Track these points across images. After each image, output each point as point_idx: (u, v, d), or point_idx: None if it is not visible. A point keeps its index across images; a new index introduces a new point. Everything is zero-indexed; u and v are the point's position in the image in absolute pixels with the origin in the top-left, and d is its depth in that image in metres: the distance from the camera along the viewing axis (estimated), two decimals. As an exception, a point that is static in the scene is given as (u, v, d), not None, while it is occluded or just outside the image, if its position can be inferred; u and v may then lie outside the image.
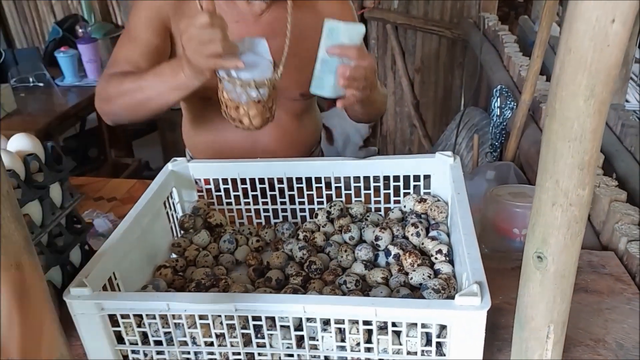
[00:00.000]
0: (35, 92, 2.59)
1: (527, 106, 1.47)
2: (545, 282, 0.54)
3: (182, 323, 0.69)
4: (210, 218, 1.01)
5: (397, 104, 3.22)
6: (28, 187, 0.84)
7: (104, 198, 1.48)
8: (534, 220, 0.52)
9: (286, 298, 0.68)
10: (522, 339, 0.59)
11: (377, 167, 0.97)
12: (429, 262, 0.84)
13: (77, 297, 0.68)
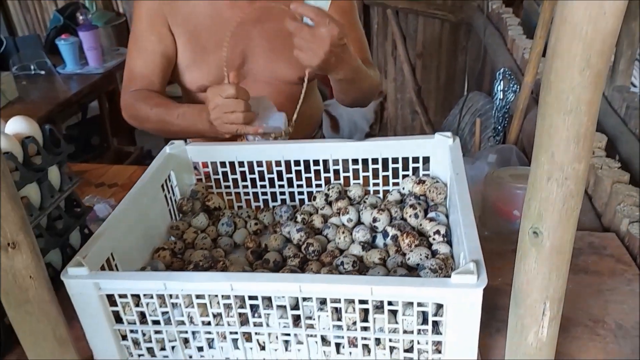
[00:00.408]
0: (37, 80, 2.59)
1: (529, 88, 1.46)
2: (541, 258, 0.53)
3: (179, 303, 0.69)
4: (209, 201, 1.01)
5: (398, 90, 3.20)
6: (26, 169, 0.84)
7: (105, 184, 1.48)
8: (530, 196, 0.52)
9: (282, 277, 0.68)
10: (517, 316, 0.58)
11: (375, 149, 0.96)
12: (426, 243, 0.83)
13: (74, 277, 0.68)
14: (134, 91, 1.31)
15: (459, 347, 0.66)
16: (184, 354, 0.74)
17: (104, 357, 0.75)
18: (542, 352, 0.59)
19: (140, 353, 0.75)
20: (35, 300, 0.65)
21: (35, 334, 0.68)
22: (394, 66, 3.15)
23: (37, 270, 0.65)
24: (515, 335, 0.60)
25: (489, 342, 0.77)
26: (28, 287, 0.64)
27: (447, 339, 0.66)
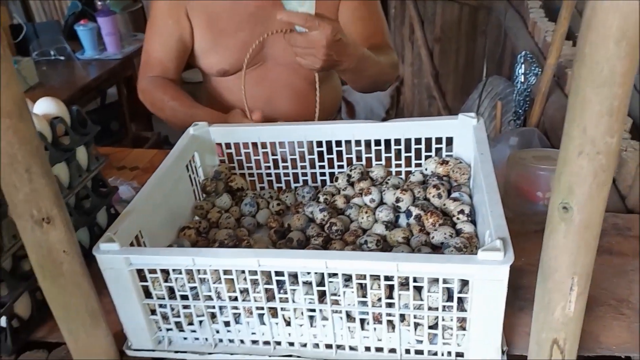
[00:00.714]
0: (57, 66, 2.61)
1: (552, 71, 1.44)
2: (570, 234, 0.54)
3: (207, 278, 0.70)
4: (232, 182, 1.02)
5: (415, 75, 3.18)
6: (55, 149, 0.86)
7: (126, 167, 1.50)
8: (560, 170, 0.52)
9: (309, 254, 0.69)
10: (545, 291, 0.59)
11: (398, 130, 0.96)
12: (450, 222, 0.84)
13: (106, 252, 0.69)
14: (151, 77, 1.34)
15: (484, 323, 0.66)
16: (211, 328, 0.75)
17: (134, 330, 0.76)
18: (568, 327, 0.59)
19: (168, 327, 0.76)
20: (68, 273, 0.67)
21: (67, 307, 0.69)
22: (411, 51, 3.13)
23: (70, 244, 0.66)
24: (542, 310, 0.60)
25: (513, 320, 0.78)
26: (62, 261, 0.66)
27: (472, 316, 0.66)
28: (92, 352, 0.74)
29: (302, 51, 1.04)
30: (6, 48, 0.56)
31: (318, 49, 1.02)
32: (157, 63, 1.34)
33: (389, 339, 0.71)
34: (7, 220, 0.78)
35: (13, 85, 0.57)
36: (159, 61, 1.34)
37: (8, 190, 0.61)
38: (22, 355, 0.82)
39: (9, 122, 0.57)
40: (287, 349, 0.75)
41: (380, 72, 1.26)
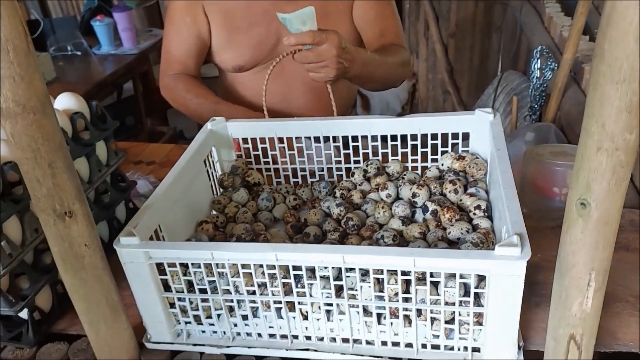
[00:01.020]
0: (74, 61, 2.63)
1: (568, 66, 1.44)
2: (588, 229, 0.54)
3: (225, 272, 0.71)
4: (249, 177, 1.03)
5: (430, 70, 3.17)
6: (75, 144, 0.87)
7: (143, 162, 1.52)
8: (578, 166, 0.52)
9: (326, 248, 0.69)
10: (562, 287, 0.59)
11: (414, 125, 0.96)
12: (467, 217, 0.84)
13: (126, 246, 0.70)
14: (174, 75, 1.37)
15: (501, 319, 0.66)
16: (229, 322, 0.76)
17: (153, 323, 0.77)
18: (585, 323, 0.59)
19: (187, 320, 0.77)
20: (89, 267, 0.68)
21: (88, 299, 0.70)
22: (426, 46, 3.12)
23: (91, 238, 0.67)
24: (559, 306, 0.60)
25: (529, 316, 0.78)
26: (83, 255, 0.67)
27: (489, 311, 0.66)
28: (112, 345, 0.75)
29: (315, 65, 1.07)
30: (31, 45, 0.57)
31: (330, 59, 1.05)
32: (177, 61, 1.36)
33: (405, 333, 0.72)
34: (29, 214, 0.79)
35: (37, 81, 0.58)
36: (178, 59, 1.36)
37: (31, 184, 0.62)
38: (43, 347, 0.83)
39: (33, 117, 0.59)
40: (304, 342, 0.76)
41: (388, 72, 1.28)
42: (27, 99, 0.58)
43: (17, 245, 0.77)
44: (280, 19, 1.04)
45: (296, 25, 1.03)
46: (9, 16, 0.53)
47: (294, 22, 1.03)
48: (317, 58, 1.05)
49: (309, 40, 1.03)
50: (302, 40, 1.04)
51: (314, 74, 1.10)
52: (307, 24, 1.03)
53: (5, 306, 0.77)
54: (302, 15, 1.02)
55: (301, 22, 1.03)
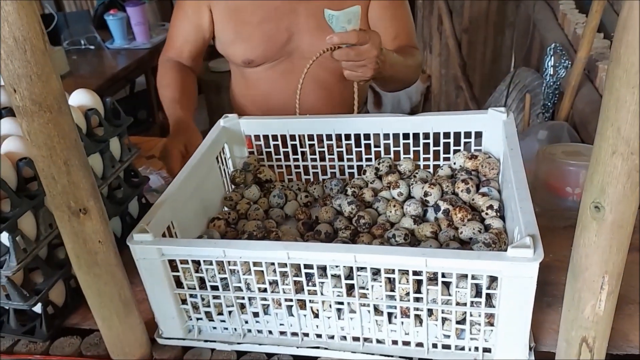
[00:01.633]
0: (87, 55, 2.65)
1: (582, 64, 1.42)
2: (602, 232, 0.53)
3: (237, 269, 0.71)
4: (260, 174, 1.03)
5: (442, 65, 3.16)
6: (90, 140, 0.88)
7: (155, 157, 1.52)
8: (593, 170, 0.52)
9: (337, 247, 0.69)
10: (575, 289, 0.59)
11: (427, 124, 0.96)
12: (479, 217, 0.84)
13: (139, 243, 0.71)
14: (166, 58, 1.42)
15: (512, 320, 0.66)
16: (240, 319, 0.76)
17: (165, 319, 0.78)
18: (598, 325, 0.59)
19: (198, 317, 0.78)
20: (102, 263, 0.69)
21: (101, 295, 0.71)
22: (439, 41, 3.10)
23: (105, 235, 0.68)
24: (572, 309, 0.60)
25: (540, 317, 0.78)
26: (97, 251, 0.68)
27: (500, 312, 0.66)
28: (125, 339, 0.76)
29: (353, 64, 1.08)
30: (47, 44, 0.57)
31: (369, 59, 1.06)
32: (173, 46, 1.41)
33: (416, 333, 0.72)
34: (44, 210, 0.80)
35: (53, 80, 0.59)
36: (174, 45, 1.41)
37: (47, 181, 0.63)
38: (56, 341, 0.84)
39: (49, 116, 0.59)
40: (315, 340, 0.76)
41: (407, 74, 1.31)
42: (44, 97, 0.58)
43: (32, 241, 0.78)
44: (326, 15, 1.04)
45: (341, 23, 1.04)
46: (27, 16, 0.54)
47: (341, 20, 1.03)
48: (358, 57, 1.06)
49: (353, 40, 1.04)
50: (345, 40, 1.04)
51: (350, 72, 1.10)
52: (352, 22, 1.04)
53: (19, 300, 0.78)
54: (349, 14, 1.03)
55: (347, 20, 1.04)
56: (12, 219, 0.74)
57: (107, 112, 0.94)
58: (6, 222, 0.74)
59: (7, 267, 0.75)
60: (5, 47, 0.55)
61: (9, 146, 0.81)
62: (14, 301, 0.78)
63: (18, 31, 0.54)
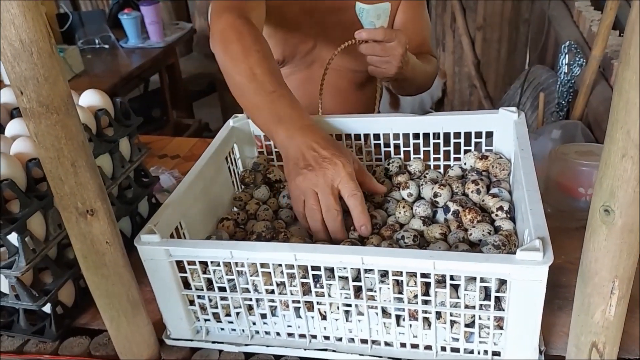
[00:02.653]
0: (101, 54, 2.67)
1: (597, 62, 1.41)
2: (612, 237, 0.53)
3: (244, 271, 0.71)
4: (270, 174, 1.03)
5: (456, 63, 3.14)
6: (99, 140, 0.88)
7: (167, 155, 1.53)
8: (602, 173, 0.51)
9: (345, 249, 0.69)
10: (584, 294, 0.58)
11: (437, 124, 0.95)
12: (489, 219, 0.83)
13: (147, 244, 0.71)
14: (245, 21, 0.97)
15: (522, 323, 0.65)
16: (248, 320, 0.76)
17: (173, 320, 0.78)
18: (609, 331, 0.58)
19: (206, 318, 0.78)
20: (110, 264, 0.69)
21: (110, 296, 0.71)
22: (452, 39, 3.08)
23: (112, 236, 0.68)
24: (582, 314, 0.59)
25: (551, 319, 0.77)
26: (104, 252, 0.68)
27: (510, 315, 0.65)
28: (133, 340, 0.76)
29: (379, 60, 1.09)
30: (54, 46, 0.57)
31: (395, 57, 1.08)
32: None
33: (424, 335, 0.71)
34: (53, 210, 0.81)
35: (60, 82, 0.59)
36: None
37: (54, 183, 0.63)
38: (65, 341, 0.84)
39: (57, 117, 0.59)
40: (323, 342, 0.76)
41: (425, 79, 1.31)
42: (51, 99, 0.58)
43: (41, 241, 0.79)
44: (357, 9, 1.07)
45: (371, 18, 1.08)
46: (33, 19, 0.54)
47: (370, 14, 1.07)
48: (384, 53, 1.08)
49: (380, 37, 1.06)
50: (373, 36, 1.06)
51: (375, 68, 1.12)
52: (381, 18, 1.08)
53: (29, 300, 0.78)
54: (378, 9, 1.07)
55: (376, 15, 1.08)
56: (21, 220, 0.75)
57: (117, 112, 0.94)
58: (15, 223, 0.74)
59: (16, 268, 0.76)
60: (12, 49, 0.55)
61: (19, 147, 0.81)
62: (24, 301, 0.79)
63: (24, 34, 0.55)
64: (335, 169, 0.79)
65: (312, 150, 0.82)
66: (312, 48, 1.32)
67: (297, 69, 1.35)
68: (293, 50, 1.31)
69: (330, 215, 0.80)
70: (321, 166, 0.80)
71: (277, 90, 0.88)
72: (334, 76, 1.31)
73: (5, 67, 0.57)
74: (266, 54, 0.93)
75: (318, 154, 0.81)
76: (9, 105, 0.98)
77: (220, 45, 0.95)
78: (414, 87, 1.33)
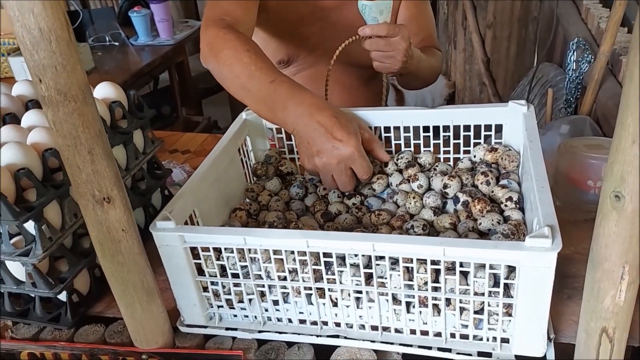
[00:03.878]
0: (111, 51, 2.69)
1: (606, 58, 1.41)
2: (622, 222, 0.53)
3: (257, 258, 0.72)
4: (282, 166, 1.04)
5: (466, 61, 3.14)
6: (113, 132, 0.90)
7: (178, 151, 1.55)
8: (613, 159, 0.51)
9: (356, 236, 0.70)
10: (594, 280, 0.58)
11: (447, 117, 0.96)
12: (498, 209, 0.83)
13: (162, 230, 0.72)
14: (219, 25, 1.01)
15: (530, 310, 0.66)
16: (260, 307, 0.77)
17: (187, 306, 0.79)
18: (618, 316, 0.59)
19: (219, 304, 0.79)
20: (126, 251, 0.70)
21: (125, 283, 0.73)
22: (463, 37, 3.09)
23: (128, 223, 0.69)
24: (592, 299, 0.60)
25: (560, 309, 0.77)
26: (120, 239, 0.69)
27: (518, 302, 0.66)
28: (147, 327, 0.77)
29: (383, 55, 1.10)
30: (72, 35, 0.59)
31: (399, 51, 1.09)
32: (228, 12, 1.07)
33: (434, 322, 0.72)
34: (69, 200, 0.82)
35: (78, 71, 0.60)
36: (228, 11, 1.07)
37: (72, 170, 0.65)
38: (81, 329, 0.86)
39: (74, 105, 0.61)
40: (334, 329, 0.77)
41: (430, 72, 1.32)
42: (69, 87, 0.60)
43: (57, 229, 0.80)
44: (360, 5, 1.09)
45: (373, 14, 1.09)
46: (51, 7, 0.55)
47: (373, 10, 1.09)
48: (388, 48, 1.09)
49: (383, 32, 1.07)
50: (376, 32, 1.07)
51: (379, 63, 1.13)
52: (384, 14, 1.09)
53: (45, 288, 0.80)
54: (380, 5, 1.09)
55: (379, 11, 1.09)
56: (38, 208, 0.76)
57: (130, 104, 0.95)
58: (32, 211, 0.76)
59: (33, 255, 0.77)
60: (31, 37, 0.57)
61: (35, 137, 0.83)
62: (40, 289, 0.80)
63: (43, 22, 0.56)
64: (348, 154, 0.86)
65: (322, 133, 0.86)
66: (315, 46, 1.33)
67: (302, 68, 1.36)
68: (297, 49, 1.32)
69: (345, 188, 0.93)
70: (332, 154, 0.86)
71: (275, 79, 0.91)
72: (340, 73, 1.31)
73: (24, 55, 0.58)
74: (257, 51, 0.97)
75: (328, 138, 0.86)
76: (24, 98, 0.99)
77: (211, 56, 0.99)
78: (420, 81, 1.34)
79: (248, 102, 0.97)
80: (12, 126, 0.86)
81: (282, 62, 1.35)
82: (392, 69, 1.13)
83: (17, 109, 0.96)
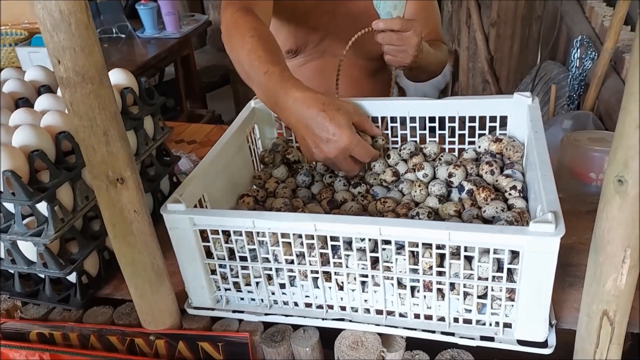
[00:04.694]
0: (118, 43, 2.70)
1: (609, 55, 1.42)
2: (625, 206, 0.54)
3: (265, 241, 0.74)
4: (289, 154, 1.05)
5: (470, 59, 3.15)
6: (125, 118, 0.91)
7: (184, 141, 1.56)
8: (617, 144, 0.53)
9: (363, 220, 0.71)
10: (597, 264, 0.60)
11: (453, 108, 0.97)
12: (502, 197, 0.85)
13: (172, 212, 0.74)
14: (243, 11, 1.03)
15: (533, 295, 0.67)
16: (267, 290, 0.79)
17: (195, 289, 0.81)
18: (619, 299, 0.60)
19: (227, 287, 0.80)
20: (137, 232, 0.72)
21: (135, 264, 0.74)
22: (467, 35, 3.10)
23: (140, 205, 0.71)
24: (593, 283, 0.61)
25: (562, 296, 0.79)
26: (132, 221, 0.70)
27: (521, 287, 0.68)
28: (156, 308, 0.79)
29: (395, 48, 1.12)
30: (90, 18, 0.60)
31: (411, 46, 1.11)
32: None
33: (438, 307, 0.74)
34: (81, 182, 0.83)
35: (95, 53, 0.62)
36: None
37: (87, 151, 0.66)
38: (89, 310, 0.87)
39: (91, 87, 0.62)
40: (339, 312, 0.78)
41: (437, 65, 1.34)
42: (87, 69, 0.61)
43: (69, 211, 0.82)
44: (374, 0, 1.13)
45: (387, 8, 1.13)
46: (71, -11, 0.57)
47: (388, 5, 1.13)
48: (400, 42, 1.11)
49: (397, 27, 1.09)
50: (390, 26, 1.09)
51: (391, 57, 1.15)
52: (397, 8, 1.14)
53: (56, 268, 0.81)
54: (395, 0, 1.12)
55: (393, 6, 1.13)
56: (51, 189, 0.78)
57: (141, 91, 0.97)
58: (45, 192, 0.77)
59: (45, 236, 0.79)
60: (52, 19, 0.58)
61: (49, 120, 0.84)
62: (51, 269, 0.82)
63: (64, 4, 0.57)
64: (343, 146, 0.87)
65: (313, 131, 0.87)
66: (323, 38, 1.34)
67: (310, 59, 1.38)
68: (304, 40, 1.34)
69: (351, 174, 0.96)
70: (328, 149, 0.87)
71: (268, 70, 0.92)
72: (347, 66, 1.33)
73: (44, 36, 0.60)
74: (261, 35, 0.98)
75: (320, 134, 0.86)
76: (36, 83, 1.01)
77: (225, 39, 1.02)
78: (427, 74, 1.36)
79: (254, 90, 0.98)
80: (26, 109, 0.87)
81: (290, 52, 1.37)
82: (403, 62, 1.15)
83: (30, 94, 0.98)
